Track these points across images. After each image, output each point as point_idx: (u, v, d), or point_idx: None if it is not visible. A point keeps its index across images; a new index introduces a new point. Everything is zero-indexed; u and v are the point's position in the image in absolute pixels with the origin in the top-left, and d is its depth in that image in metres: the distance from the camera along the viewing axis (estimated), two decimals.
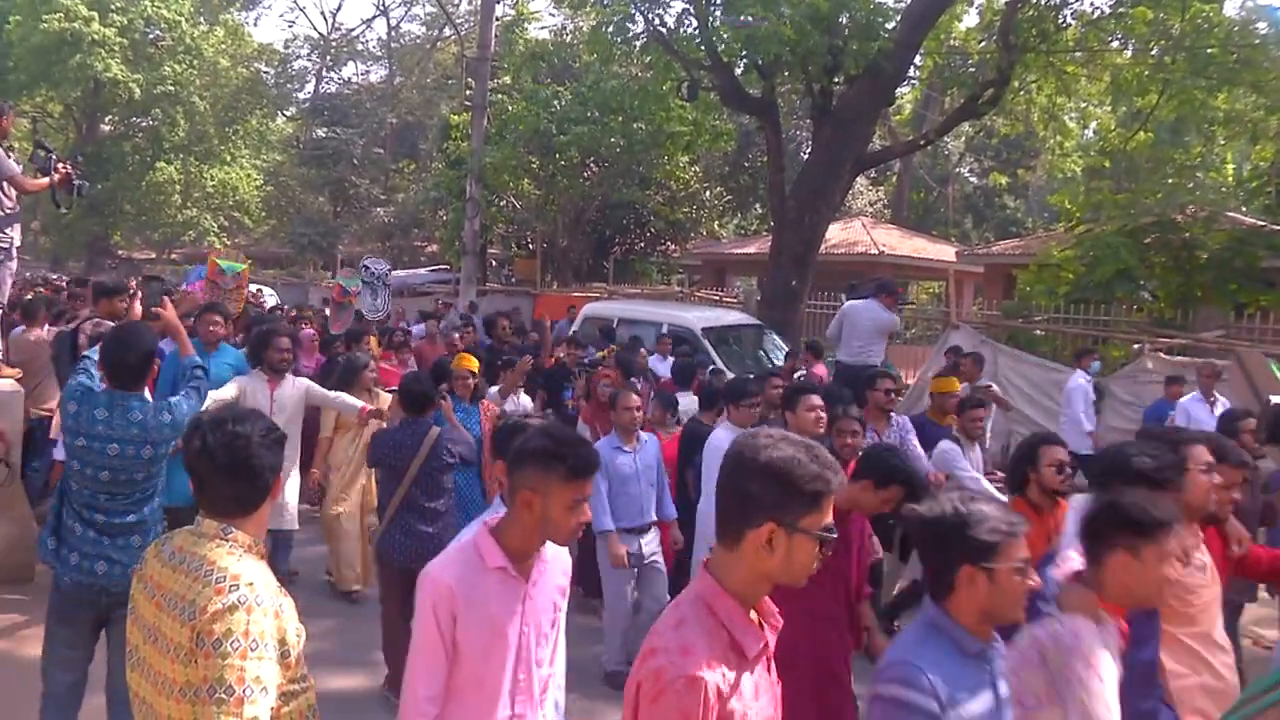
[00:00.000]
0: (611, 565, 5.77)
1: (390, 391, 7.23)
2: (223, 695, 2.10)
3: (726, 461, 2.08)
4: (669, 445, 6.73)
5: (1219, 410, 8.34)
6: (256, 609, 2.17)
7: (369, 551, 6.68)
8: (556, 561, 2.75)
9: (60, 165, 6.94)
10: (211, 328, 6.51)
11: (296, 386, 6.51)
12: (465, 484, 6.41)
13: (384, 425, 6.44)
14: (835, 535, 2.02)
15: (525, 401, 8.02)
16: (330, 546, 7.18)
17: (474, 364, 6.94)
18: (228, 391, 5.95)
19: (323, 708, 2.47)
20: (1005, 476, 4.38)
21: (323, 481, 7.10)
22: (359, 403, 6.52)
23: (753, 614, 2.07)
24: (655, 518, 5.97)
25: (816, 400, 5.38)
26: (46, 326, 7.90)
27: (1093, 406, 10.18)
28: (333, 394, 6.65)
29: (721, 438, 5.42)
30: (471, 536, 2.63)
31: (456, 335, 11.37)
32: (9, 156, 6.83)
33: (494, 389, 7.47)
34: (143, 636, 2.30)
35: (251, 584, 2.20)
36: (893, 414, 6.74)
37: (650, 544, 5.91)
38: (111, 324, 6.17)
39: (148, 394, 4.21)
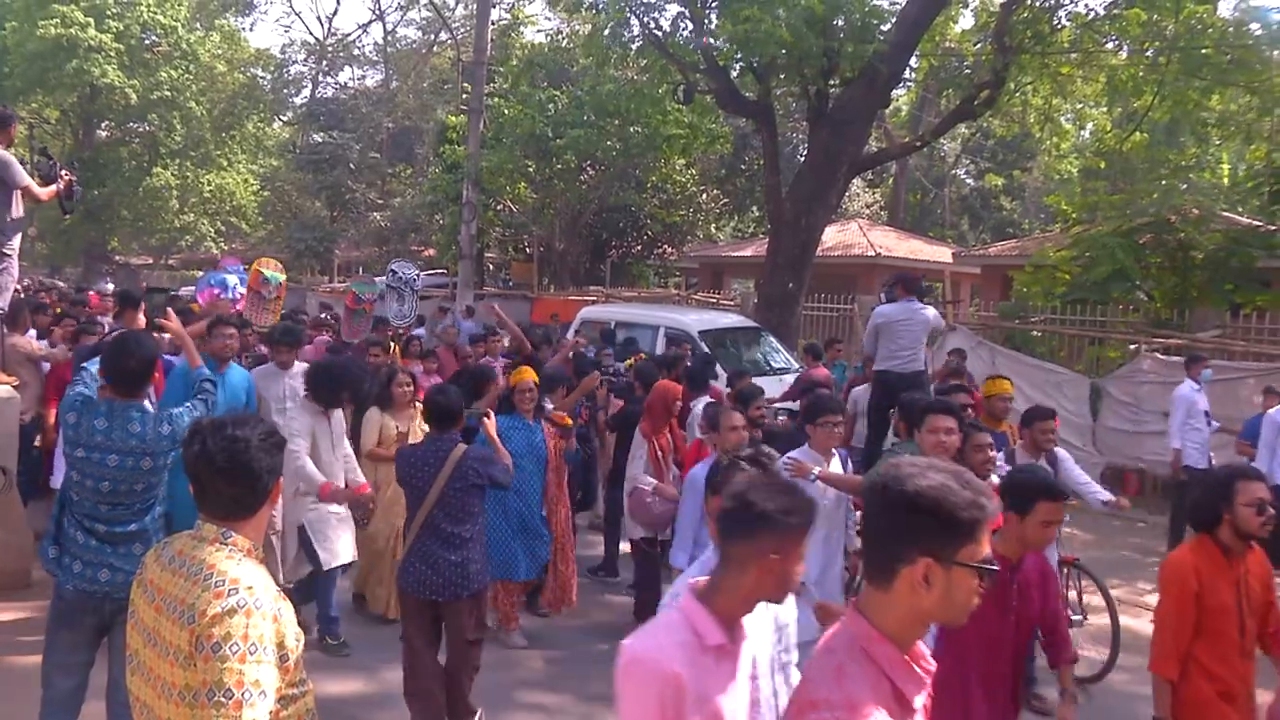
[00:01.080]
0: None
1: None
2: (221, 699, 2.10)
3: (870, 495, 1.97)
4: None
5: None
6: (256, 613, 2.17)
7: (393, 584, 6.31)
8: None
9: (63, 172, 6.93)
10: (226, 341, 6.06)
11: (339, 416, 6.25)
12: (523, 506, 6.19)
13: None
14: (996, 567, 1.92)
15: None
16: (361, 562, 6.73)
17: (535, 376, 6.56)
18: (301, 446, 5.71)
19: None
20: (1190, 511, 3.79)
21: (370, 503, 6.53)
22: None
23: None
24: None
25: (947, 421, 4.73)
26: (31, 331, 7.88)
27: (1203, 417, 9.38)
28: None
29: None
30: (679, 608, 2.26)
31: (461, 342, 11.15)
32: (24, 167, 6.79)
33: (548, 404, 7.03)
34: (142, 640, 2.31)
35: (251, 588, 2.21)
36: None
37: None
38: None
39: (149, 405, 4.23)
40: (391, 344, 10.81)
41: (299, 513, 5.98)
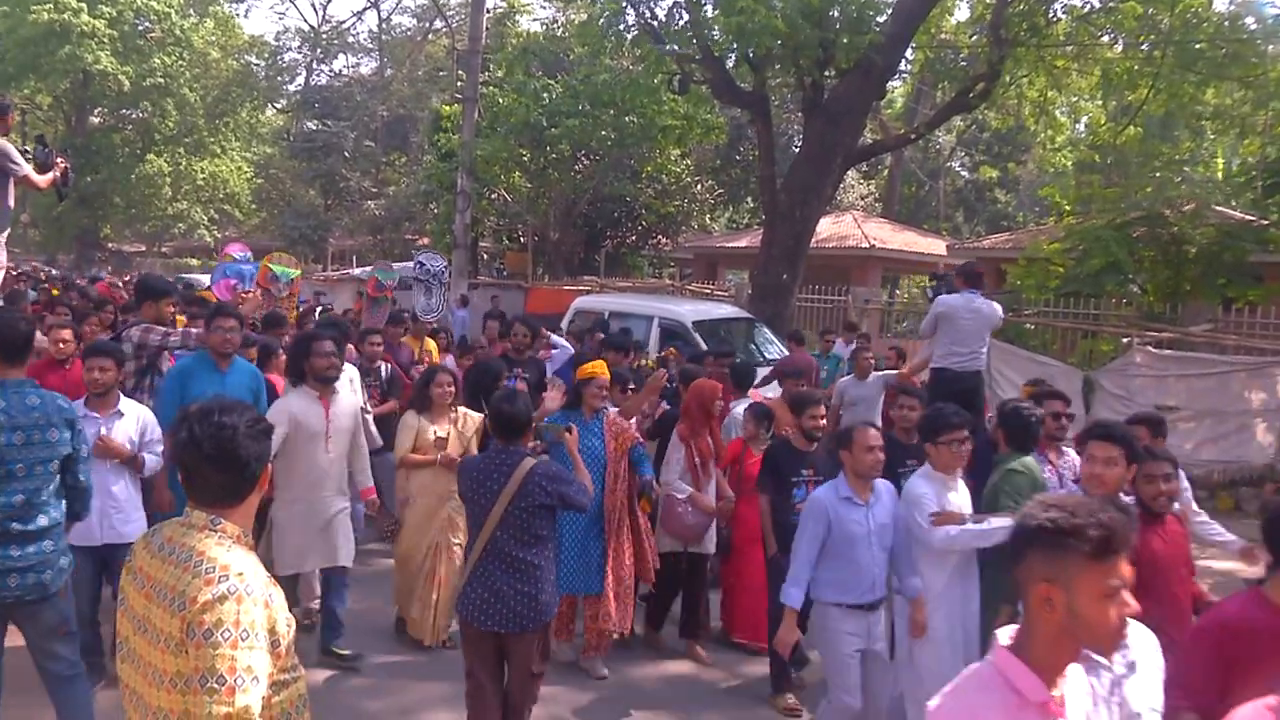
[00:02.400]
0: (780, 648, 4.73)
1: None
2: (214, 685, 2.10)
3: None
4: (753, 463, 6.10)
5: None
6: (247, 599, 2.18)
7: (444, 600, 5.89)
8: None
9: (58, 159, 6.89)
10: (226, 335, 5.54)
11: (351, 398, 5.81)
12: (575, 529, 5.59)
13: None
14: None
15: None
16: (398, 583, 6.22)
17: (607, 372, 5.95)
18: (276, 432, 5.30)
19: None
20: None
21: (399, 514, 6.10)
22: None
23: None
24: (886, 591, 4.74)
25: (1108, 449, 4.03)
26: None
27: None
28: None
29: (921, 489, 4.57)
30: (992, 662, 2.00)
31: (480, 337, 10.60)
32: (24, 157, 6.75)
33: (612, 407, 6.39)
34: (132, 628, 2.31)
35: (241, 574, 2.21)
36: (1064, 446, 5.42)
37: (878, 625, 4.71)
38: (162, 330, 5.94)
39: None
40: (419, 337, 10.37)
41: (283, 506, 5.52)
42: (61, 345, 6.32)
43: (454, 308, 18.00)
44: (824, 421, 5.64)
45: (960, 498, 4.65)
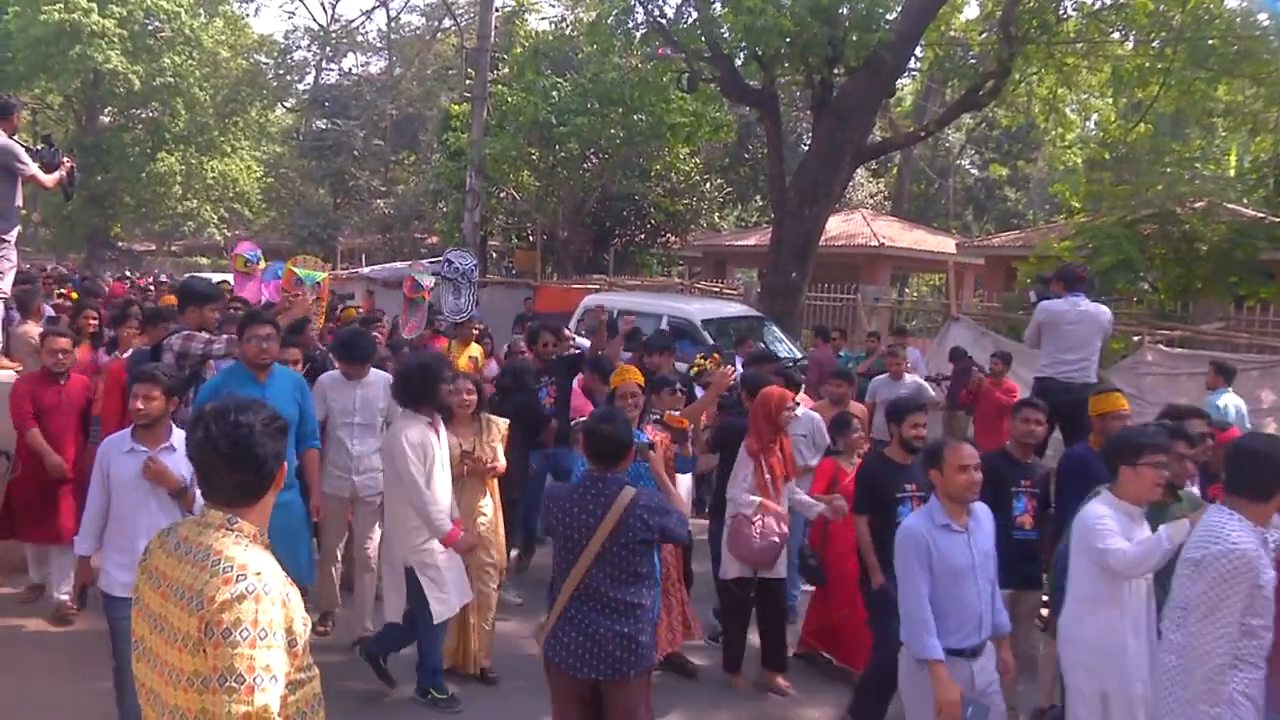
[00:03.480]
0: (941, 713, 3.89)
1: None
2: (233, 684, 2.12)
3: None
4: (848, 480, 5.66)
5: None
6: (265, 598, 2.19)
7: (481, 625, 5.51)
8: None
9: (64, 159, 6.92)
10: (262, 346, 5.11)
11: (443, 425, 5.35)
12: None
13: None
14: None
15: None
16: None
17: (640, 378, 5.59)
18: (405, 464, 4.86)
19: None
20: None
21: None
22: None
23: None
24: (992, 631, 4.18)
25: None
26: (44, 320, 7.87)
27: None
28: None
29: (1102, 518, 3.94)
30: None
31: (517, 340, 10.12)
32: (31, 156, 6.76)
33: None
34: (149, 627, 2.32)
35: (259, 573, 2.22)
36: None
37: (986, 669, 4.12)
38: (204, 337, 5.47)
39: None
40: (465, 343, 9.93)
41: (405, 550, 5.07)
42: (61, 356, 6.02)
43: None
44: (925, 430, 5.17)
45: (1145, 534, 3.97)
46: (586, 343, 9.80)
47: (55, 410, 6.05)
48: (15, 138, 6.77)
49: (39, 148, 6.97)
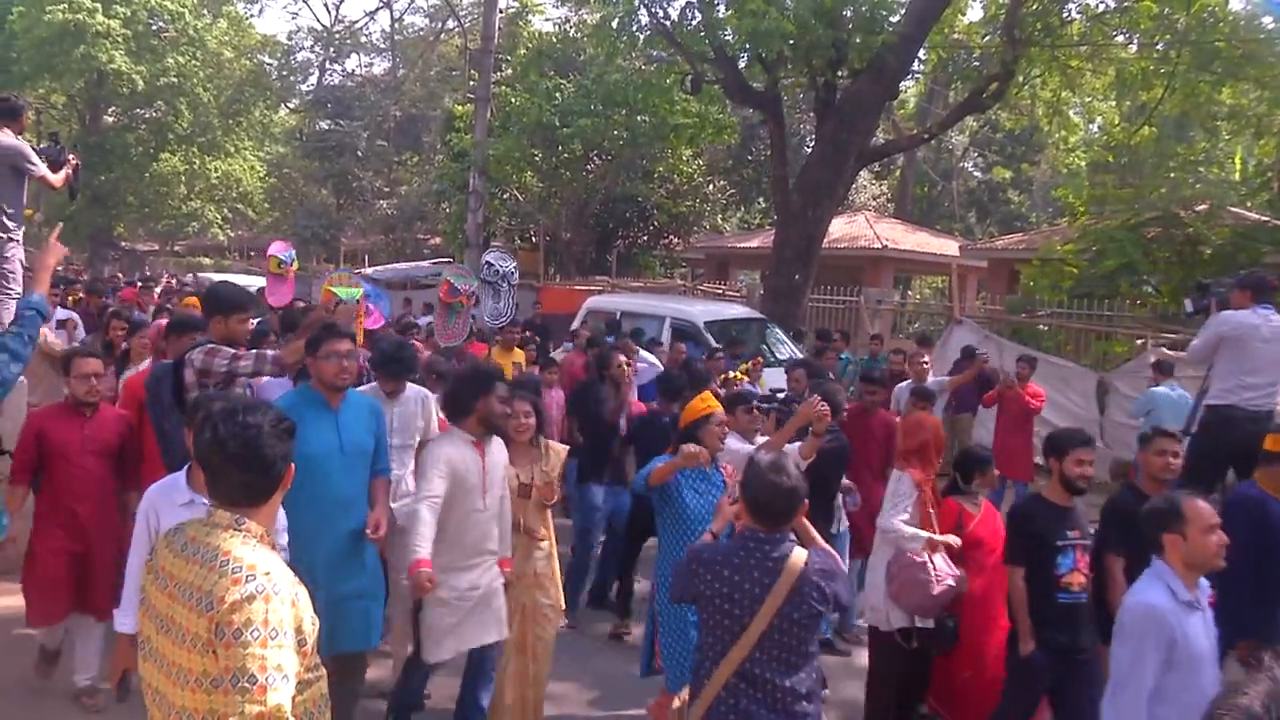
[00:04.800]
0: None
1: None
2: (246, 684, 2.12)
3: None
4: (979, 525, 5.05)
5: None
6: (275, 597, 2.19)
7: (539, 678, 4.94)
8: None
9: (70, 156, 6.92)
10: (342, 363, 4.29)
11: (499, 442, 4.68)
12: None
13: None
14: None
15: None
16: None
17: (717, 404, 4.82)
18: (434, 484, 4.27)
19: None
20: None
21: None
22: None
23: None
24: None
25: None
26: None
27: None
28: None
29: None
30: None
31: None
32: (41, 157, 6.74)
33: (733, 441, 5.12)
34: (155, 627, 2.32)
35: (268, 573, 2.22)
36: None
37: None
38: (230, 352, 4.55)
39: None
40: (507, 348, 9.38)
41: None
42: (93, 383, 4.90)
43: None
44: (1092, 470, 4.48)
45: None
46: (650, 358, 9.38)
47: (78, 452, 4.82)
48: (21, 138, 6.77)
49: (44, 145, 6.97)
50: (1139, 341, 12.19)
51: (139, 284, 17.49)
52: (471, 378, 4.62)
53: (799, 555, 3.16)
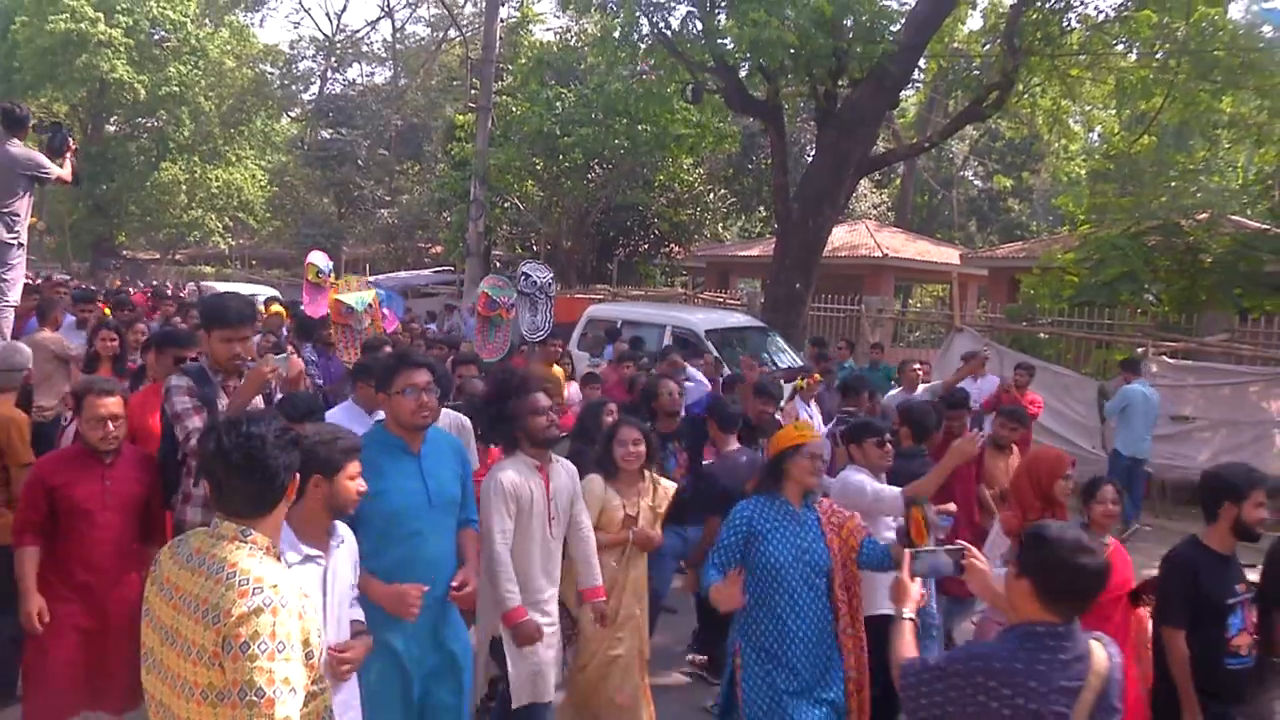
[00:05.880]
0: None
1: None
2: (254, 698, 2.12)
3: None
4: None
5: None
6: (282, 610, 2.19)
7: None
8: None
9: (70, 141, 6.93)
10: (423, 399, 3.61)
11: (567, 466, 4.26)
12: (797, 651, 3.80)
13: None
14: None
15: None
16: (575, 705, 4.53)
17: (814, 433, 4.12)
18: (504, 519, 3.87)
19: None
20: None
21: (574, 610, 4.42)
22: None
23: None
24: None
25: None
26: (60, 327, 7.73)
27: None
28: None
29: None
30: None
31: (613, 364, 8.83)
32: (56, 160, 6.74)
33: (852, 473, 4.63)
34: (159, 639, 2.31)
35: (275, 586, 2.22)
36: None
37: None
38: (185, 392, 3.82)
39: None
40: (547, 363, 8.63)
41: (494, 617, 4.03)
42: (109, 427, 3.92)
43: (466, 316, 18.00)
44: (1268, 514, 3.88)
45: None
46: (699, 376, 8.53)
47: (97, 508, 3.90)
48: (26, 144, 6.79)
49: (48, 132, 6.96)
50: (1140, 350, 12.19)
51: (149, 292, 16.95)
52: (503, 391, 4.09)
53: (1099, 649, 2.56)
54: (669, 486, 4.75)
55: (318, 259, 9.13)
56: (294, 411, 3.76)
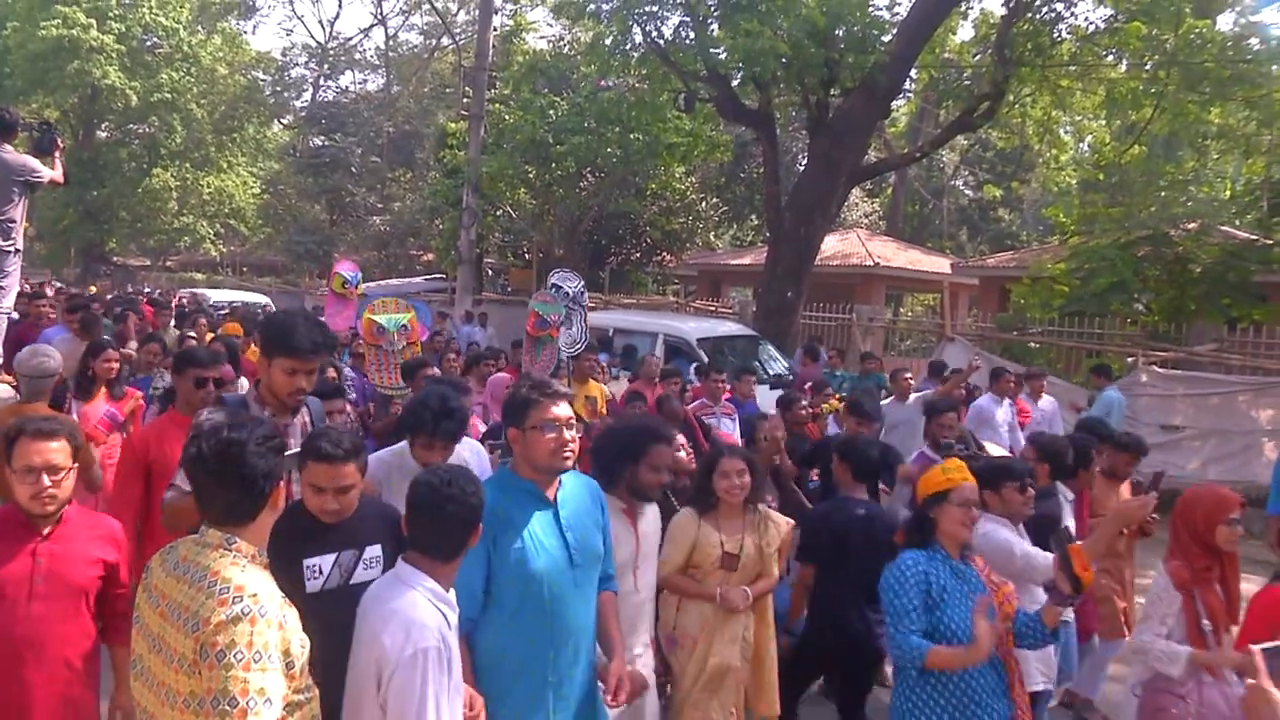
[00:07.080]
0: None
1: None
2: (226, 707, 2.10)
3: None
4: None
5: None
6: (260, 620, 2.17)
7: None
8: None
9: (59, 140, 6.93)
10: (564, 436, 3.08)
11: (654, 510, 3.80)
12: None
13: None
14: None
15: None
16: None
17: (965, 474, 3.56)
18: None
19: None
20: None
21: (669, 657, 4.02)
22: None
23: None
24: None
25: None
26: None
27: None
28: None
29: None
30: None
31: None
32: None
33: (988, 524, 3.94)
34: (147, 646, 2.30)
35: (255, 595, 2.20)
36: None
37: None
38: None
39: None
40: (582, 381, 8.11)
41: None
42: (46, 482, 2.88)
43: (458, 324, 17.98)
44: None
45: None
46: None
47: (19, 595, 2.88)
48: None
49: (36, 131, 6.96)
50: (1130, 359, 12.22)
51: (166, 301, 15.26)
52: (625, 438, 3.70)
53: None
54: (783, 523, 4.22)
55: (344, 269, 8.65)
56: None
